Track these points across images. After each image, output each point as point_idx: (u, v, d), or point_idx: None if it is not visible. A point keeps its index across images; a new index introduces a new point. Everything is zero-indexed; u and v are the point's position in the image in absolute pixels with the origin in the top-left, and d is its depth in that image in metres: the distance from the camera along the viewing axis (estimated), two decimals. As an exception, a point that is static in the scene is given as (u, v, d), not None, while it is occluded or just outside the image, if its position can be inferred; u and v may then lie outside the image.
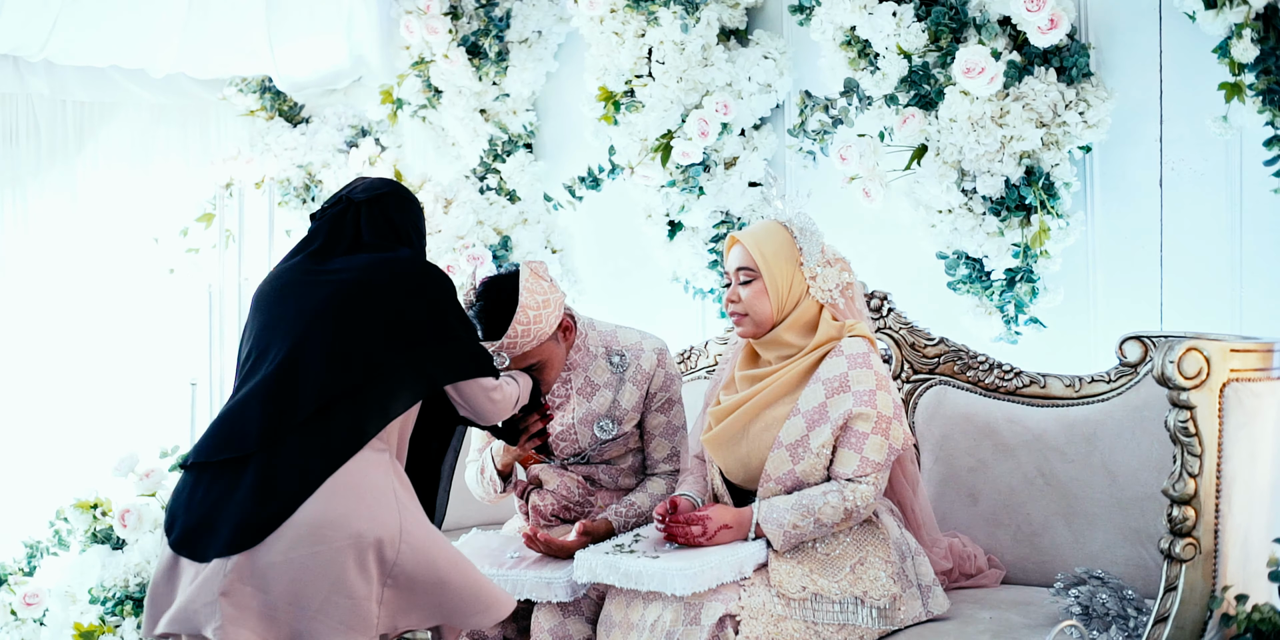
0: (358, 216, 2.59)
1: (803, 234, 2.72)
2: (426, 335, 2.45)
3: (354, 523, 2.25)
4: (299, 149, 4.94)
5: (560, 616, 2.73)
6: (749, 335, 2.75)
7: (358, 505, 2.27)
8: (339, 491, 2.27)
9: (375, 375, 2.38)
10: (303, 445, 2.30)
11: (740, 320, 2.73)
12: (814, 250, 2.71)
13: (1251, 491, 2.34)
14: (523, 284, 2.82)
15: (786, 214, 2.77)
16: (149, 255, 4.93)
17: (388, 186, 2.66)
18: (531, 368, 2.90)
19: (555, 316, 2.86)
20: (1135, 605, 2.49)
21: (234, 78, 5.06)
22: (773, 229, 2.75)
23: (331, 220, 2.60)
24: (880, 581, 2.56)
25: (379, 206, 2.60)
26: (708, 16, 3.78)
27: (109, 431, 4.76)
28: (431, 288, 2.51)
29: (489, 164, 4.59)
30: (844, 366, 2.63)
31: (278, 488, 2.26)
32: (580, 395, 2.99)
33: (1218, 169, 3.08)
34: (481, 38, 4.45)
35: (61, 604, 3.73)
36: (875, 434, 2.59)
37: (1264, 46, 2.83)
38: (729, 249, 2.78)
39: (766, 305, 2.69)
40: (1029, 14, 3.09)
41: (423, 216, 2.71)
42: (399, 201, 2.64)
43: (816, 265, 2.71)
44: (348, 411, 2.35)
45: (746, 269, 2.72)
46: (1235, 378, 2.31)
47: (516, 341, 2.81)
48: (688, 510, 2.66)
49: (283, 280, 2.56)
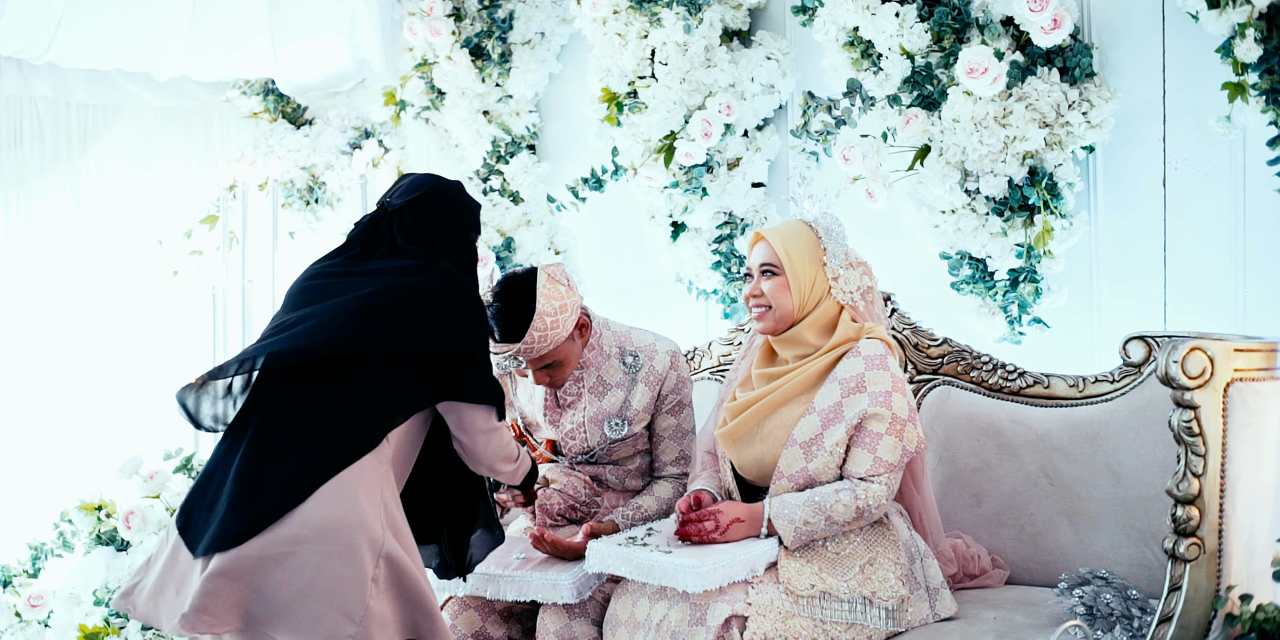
0: (392, 223, 2.55)
1: (828, 234, 2.73)
2: (440, 351, 2.41)
3: (343, 527, 2.25)
4: (302, 151, 4.95)
5: (566, 618, 2.73)
6: (769, 331, 2.75)
7: (348, 511, 2.27)
8: (327, 496, 2.26)
9: (383, 384, 2.37)
10: (301, 442, 2.30)
11: (763, 315, 2.73)
12: (838, 251, 2.72)
13: (1255, 491, 2.34)
14: (540, 290, 2.83)
15: (813, 214, 2.78)
16: (153, 257, 4.94)
17: (426, 187, 2.59)
18: (549, 365, 2.91)
19: (571, 320, 2.88)
20: (1139, 605, 2.49)
21: (237, 80, 5.07)
22: (799, 228, 2.76)
23: (368, 226, 2.57)
24: (889, 582, 2.57)
25: (413, 211, 2.55)
26: (710, 17, 3.78)
27: (113, 433, 4.77)
28: (457, 307, 2.46)
29: (492, 165, 4.60)
30: (861, 367, 2.63)
31: (266, 489, 2.26)
32: (592, 394, 3.00)
33: (1221, 169, 3.08)
34: (484, 39, 4.45)
35: (66, 606, 3.74)
36: (889, 435, 2.60)
37: (1267, 46, 2.82)
38: (753, 245, 2.79)
39: (789, 300, 2.70)
40: (1032, 14, 3.09)
41: (466, 212, 2.62)
42: (437, 203, 2.57)
43: (840, 266, 2.72)
44: (349, 416, 2.34)
45: (770, 265, 2.73)
46: (1239, 377, 2.31)
47: (533, 346, 2.84)
48: (709, 505, 2.66)
49: (315, 279, 2.53)
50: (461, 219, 2.60)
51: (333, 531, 2.24)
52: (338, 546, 2.24)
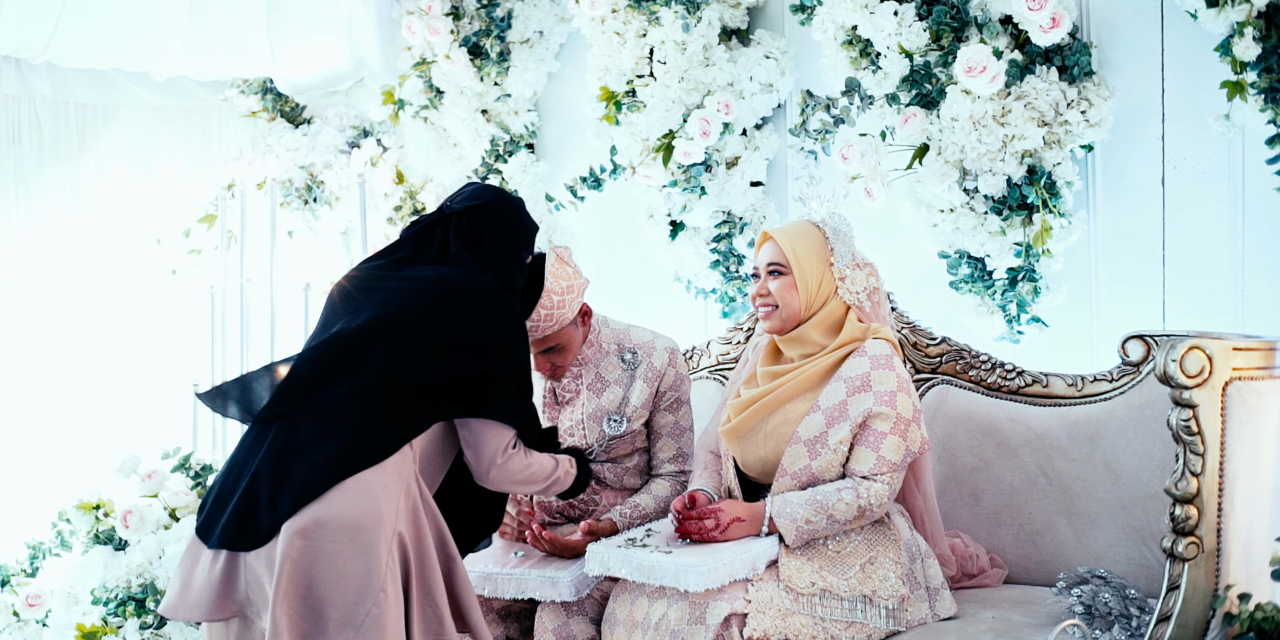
0: (448, 229, 2.54)
1: (835, 235, 2.74)
2: (471, 363, 2.39)
3: (359, 526, 2.24)
4: (301, 150, 4.95)
5: (564, 616, 2.73)
6: (775, 330, 2.75)
7: (366, 510, 2.26)
8: (342, 495, 2.26)
9: (410, 390, 2.35)
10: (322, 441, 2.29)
11: (769, 314, 2.73)
12: (845, 252, 2.73)
13: (1254, 490, 2.34)
14: (548, 269, 2.84)
15: (820, 214, 2.78)
16: (151, 256, 4.94)
17: (486, 196, 2.58)
18: (550, 350, 2.91)
19: (577, 303, 2.90)
20: (1138, 604, 2.49)
21: (236, 79, 5.07)
22: (806, 228, 2.76)
23: (424, 230, 2.56)
24: (890, 582, 2.57)
25: (471, 218, 2.54)
26: (709, 16, 3.78)
27: (111, 433, 4.77)
28: (494, 320, 2.43)
29: (491, 164, 4.59)
30: (866, 366, 2.64)
31: (281, 489, 2.26)
32: (590, 391, 3.00)
33: (1220, 167, 3.07)
34: (483, 38, 4.45)
35: (64, 605, 3.73)
36: (893, 434, 2.60)
37: (1266, 45, 2.82)
38: (760, 245, 2.80)
39: (796, 299, 2.70)
40: (1030, 13, 3.08)
41: (525, 230, 2.60)
42: (494, 213, 2.56)
43: (847, 266, 2.73)
44: (370, 421, 2.33)
45: (777, 264, 2.73)
46: (1238, 376, 2.31)
47: (539, 325, 2.83)
48: (704, 504, 2.66)
49: (358, 281, 2.52)
50: (518, 236, 2.59)
51: (346, 529, 2.23)
52: (350, 545, 2.23)
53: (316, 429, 2.33)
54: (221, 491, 2.37)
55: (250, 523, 2.27)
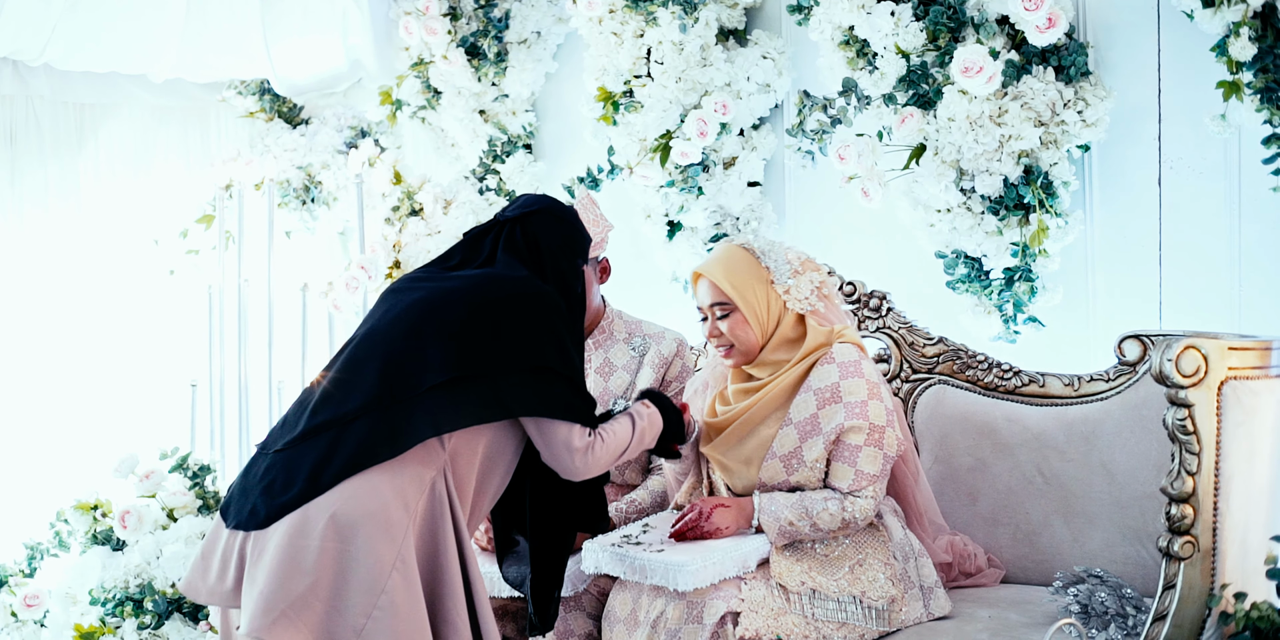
0: (499, 236, 2.51)
1: (765, 254, 2.70)
2: (514, 360, 2.33)
3: (360, 523, 2.23)
4: (298, 150, 4.95)
5: (562, 611, 2.73)
6: (741, 364, 2.73)
7: (372, 508, 2.24)
8: (348, 491, 2.24)
9: (441, 388, 2.30)
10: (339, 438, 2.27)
11: (729, 352, 2.71)
12: (781, 266, 2.69)
13: (1250, 489, 2.34)
14: (577, 202, 2.88)
15: (743, 236, 2.77)
16: (149, 256, 4.93)
17: (540, 204, 2.56)
18: None
19: (600, 243, 2.89)
20: (1134, 603, 2.49)
21: (233, 80, 5.06)
22: (735, 254, 2.72)
23: (474, 238, 2.54)
24: (879, 583, 2.57)
25: (525, 226, 2.51)
26: (706, 17, 3.78)
27: (109, 433, 4.76)
28: (535, 313, 2.38)
29: (488, 165, 4.60)
30: (835, 375, 2.62)
31: (294, 478, 2.25)
32: (599, 374, 3.02)
33: (1216, 167, 3.08)
34: (480, 38, 4.45)
35: (62, 605, 3.73)
36: (869, 445, 2.59)
37: (1262, 45, 2.83)
38: (695, 284, 2.76)
39: (750, 333, 2.68)
40: (1027, 13, 3.09)
41: (581, 238, 2.58)
42: (549, 219, 2.53)
43: (787, 278, 2.69)
44: (385, 419, 2.28)
45: (721, 303, 2.69)
46: (1233, 376, 2.31)
47: None
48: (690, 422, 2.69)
49: (401, 284, 2.50)
50: (573, 243, 2.55)
51: (349, 526, 2.20)
52: (353, 542, 2.20)
53: (334, 421, 2.30)
54: (245, 473, 2.38)
55: (258, 506, 2.27)
